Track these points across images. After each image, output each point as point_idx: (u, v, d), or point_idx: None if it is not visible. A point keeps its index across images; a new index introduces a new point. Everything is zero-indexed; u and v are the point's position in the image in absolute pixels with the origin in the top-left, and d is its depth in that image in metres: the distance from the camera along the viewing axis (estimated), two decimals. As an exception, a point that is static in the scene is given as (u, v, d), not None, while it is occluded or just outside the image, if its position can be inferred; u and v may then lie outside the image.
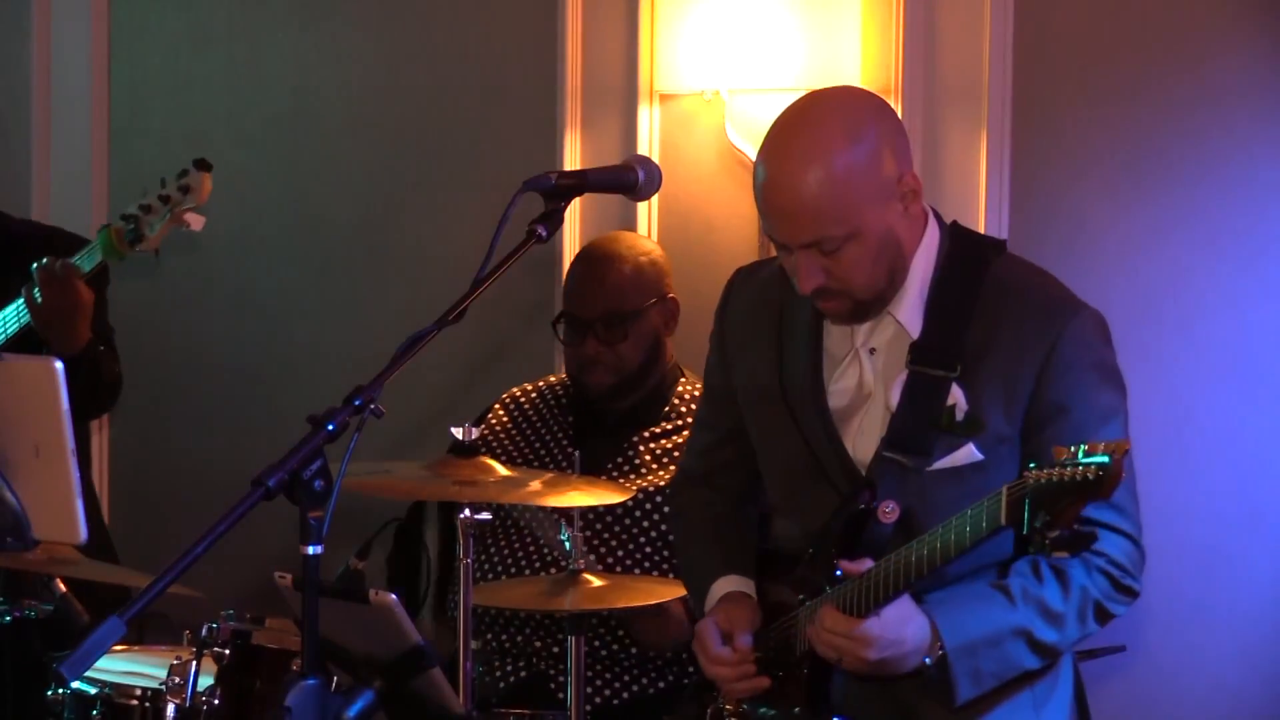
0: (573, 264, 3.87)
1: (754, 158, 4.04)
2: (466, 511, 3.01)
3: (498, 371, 4.50)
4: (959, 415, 2.44)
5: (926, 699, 2.51)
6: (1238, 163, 3.93)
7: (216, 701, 3.16)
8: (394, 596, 2.45)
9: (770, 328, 2.69)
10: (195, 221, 3.87)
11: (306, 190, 4.92)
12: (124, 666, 3.43)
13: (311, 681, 2.11)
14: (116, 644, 2.01)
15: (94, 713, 3.30)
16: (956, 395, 2.46)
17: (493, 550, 3.71)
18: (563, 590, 3.20)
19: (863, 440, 2.59)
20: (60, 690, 3.34)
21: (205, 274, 5.04)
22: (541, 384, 3.94)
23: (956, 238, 2.58)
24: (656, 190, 2.55)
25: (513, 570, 3.69)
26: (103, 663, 2.46)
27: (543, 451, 3.79)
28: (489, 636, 3.69)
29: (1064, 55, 4.07)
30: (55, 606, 3.35)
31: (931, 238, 2.57)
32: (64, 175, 5.04)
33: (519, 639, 3.67)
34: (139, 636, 3.67)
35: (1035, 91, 4.05)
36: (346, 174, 4.86)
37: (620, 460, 3.70)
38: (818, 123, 2.50)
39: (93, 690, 3.31)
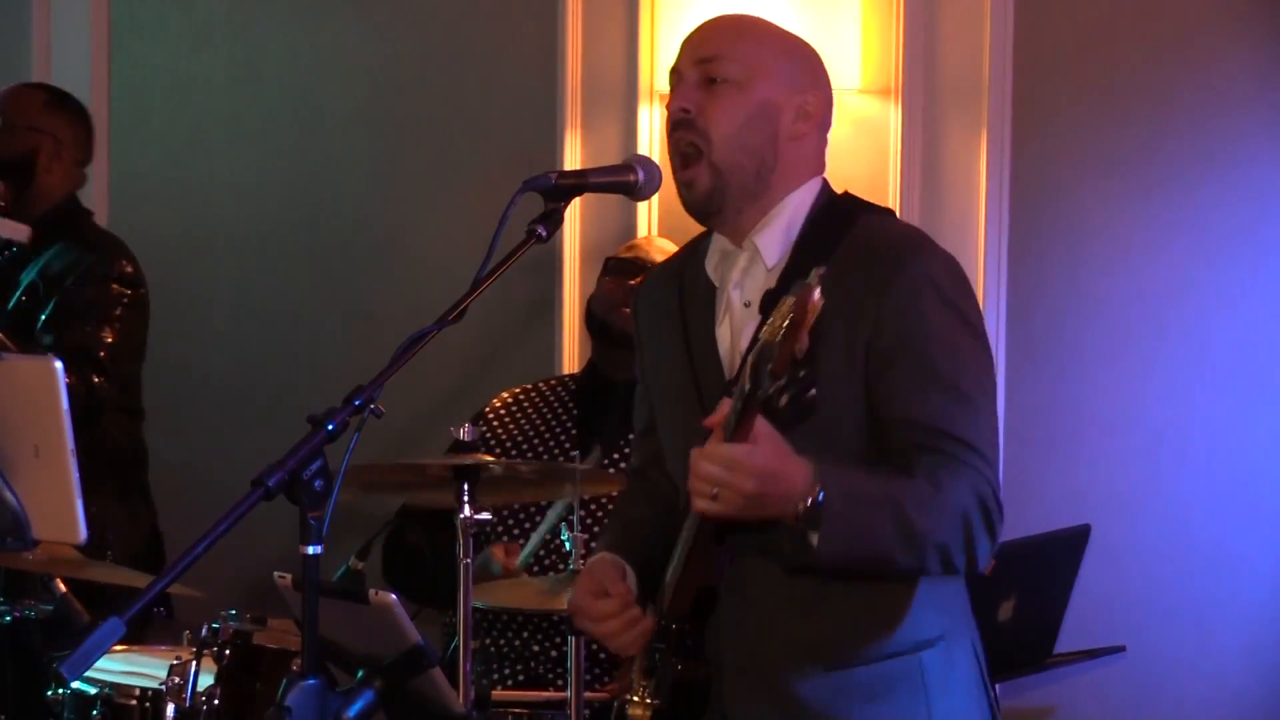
0: (614, 261, 3.93)
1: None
2: (467, 511, 3.00)
3: (498, 371, 4.50)
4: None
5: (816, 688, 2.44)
6: (1239, 163, 3.93)
7: (216, 701, 3.16)
8: (394, 596, 2.45)
9: (673, 319, 2.62)
10: (13, 230, 3.94)
11: (306, 190, 4.92)
12: (124, 666, 3.43)
13: (311, 681, 2.11)
14: (116, 644, 2.00)
15: (94, 713, 3.29)
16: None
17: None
18: (562, 590, 3.19)
19: None
20: (60, 690, 3.34)
21: (204, 273, 5.04)
22: (541, 384, 3.95)
23: (834, 195, 2.57)
24: (656, 190, 2.54)
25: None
26: (103, 663, 2.46)
27: (547, 438, 3.79)
28: (487, 640, 3.68)
29: (1064, 55, 4.08)
30: (55, 606, 3.35)
31: (814, 186, 2.55)
32: (64, 175, 5.03)
33: (517, 643, 3.67)
34: (140, 636, 3.67)
35: (1035, 91, 4.05)
36: (346, 174, 4.86)
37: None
38: (764, 18, 2.68)
39: (93, 690, 3.31)
